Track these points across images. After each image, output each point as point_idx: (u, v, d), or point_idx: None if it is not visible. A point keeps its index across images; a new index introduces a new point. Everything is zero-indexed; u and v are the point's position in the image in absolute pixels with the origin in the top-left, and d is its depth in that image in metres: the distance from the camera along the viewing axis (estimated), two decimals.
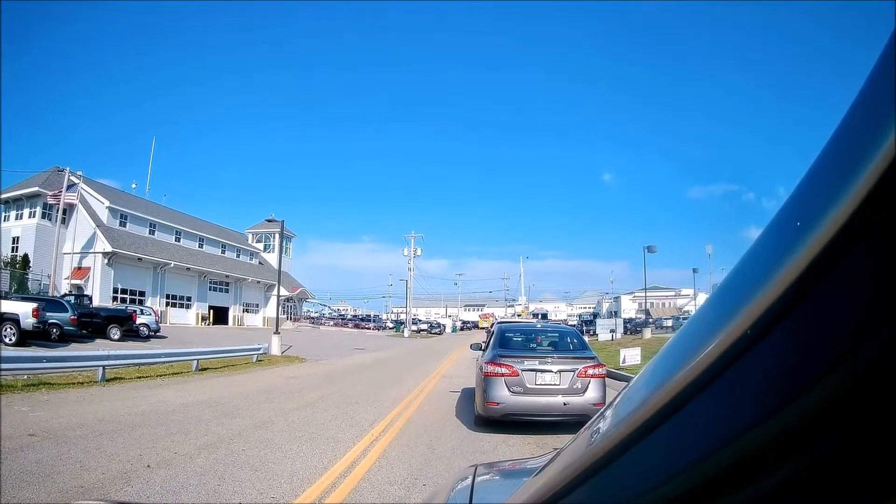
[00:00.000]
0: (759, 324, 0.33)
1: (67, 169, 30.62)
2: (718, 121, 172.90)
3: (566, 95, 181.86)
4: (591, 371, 6.62)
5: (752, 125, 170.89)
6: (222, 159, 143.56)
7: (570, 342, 7.80)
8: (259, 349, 16.88)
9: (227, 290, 46.58)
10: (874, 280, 0.28)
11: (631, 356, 14.60)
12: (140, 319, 25.85)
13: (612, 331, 33.21)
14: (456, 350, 26.75)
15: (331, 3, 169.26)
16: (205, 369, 14.48)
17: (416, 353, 25.02)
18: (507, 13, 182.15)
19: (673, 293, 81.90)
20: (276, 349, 20.44)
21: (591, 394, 6.51)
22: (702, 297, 70.03)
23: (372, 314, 75.48)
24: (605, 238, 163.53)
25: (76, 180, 34.56)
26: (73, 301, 23.48)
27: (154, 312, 27.18)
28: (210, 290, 44.17)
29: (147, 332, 25.69)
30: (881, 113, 0.29)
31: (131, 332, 24.52)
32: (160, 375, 12.92)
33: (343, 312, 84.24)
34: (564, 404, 6.45)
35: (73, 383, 11.05)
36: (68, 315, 20.79)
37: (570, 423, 6.54)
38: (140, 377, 12.57)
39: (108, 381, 11.61)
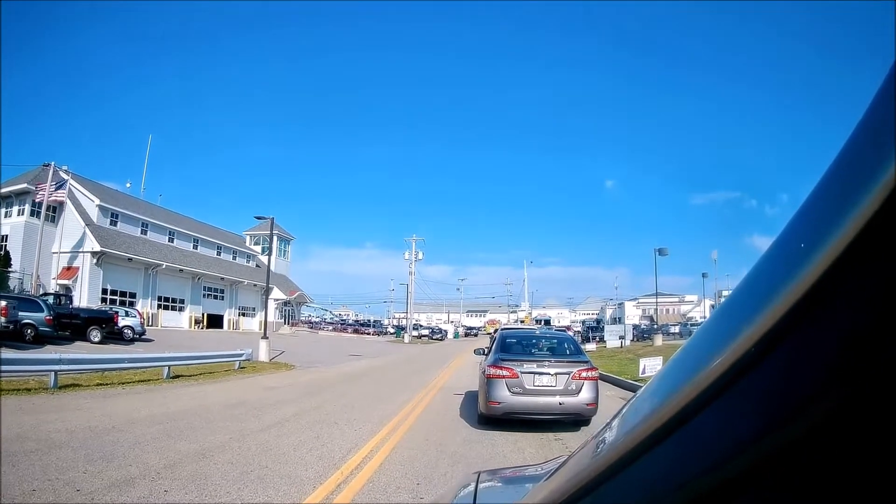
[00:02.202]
0: (766, 339, 0.33)
1: (53, 164, 29.33)
2: (720, 128, 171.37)
3: (567, 102, 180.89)
4: (584, 374, 7.10)
5: (753, 132, 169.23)
6: (226, 164, 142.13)
7: (566, 347, 8.14)
8: (241, 355, 15.42)
9: (222, 293, 45.18)
10: (879, 301, 0.28)
11: (652, 366, 13.04)
12: (124, 321, 24.53)
13: (622, 337, 31.49)
14: (457, 357, 25.18)
15: (342, 16, 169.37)
16: (178, 377, 13.05)
17: (414, 361, 23.48)
18: (514, 31, 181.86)
19: (677, 299, 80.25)
20: (263, 355, 18.98)
21: (585, 395, 7.01)
22: (706, 304, 68.83)
23: (371, 319, 73.88)
24: (606, 245, 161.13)
25: (65, 176, 33.36)
26: (51, 300, 22.15)
27: (139, 314, 25.75)
28: (204, 292, 42.77)
29: (131, 335, 24.33)
30: (885, 137, 0.29)
31: (114, 335, 23.20)
32: (124, 383, 11.50)
33: (345, 317, 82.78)
34: (560, 404, 6.94)
35: (20, 390, 9.68)
36: (44, 315, 19.53)
37: (565, 421, 7.18)
38: (101, 384, 11.17)
39: (61, 387, 10.25)
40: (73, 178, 35.22)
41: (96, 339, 21.72)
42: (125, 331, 24.25)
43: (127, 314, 25.25)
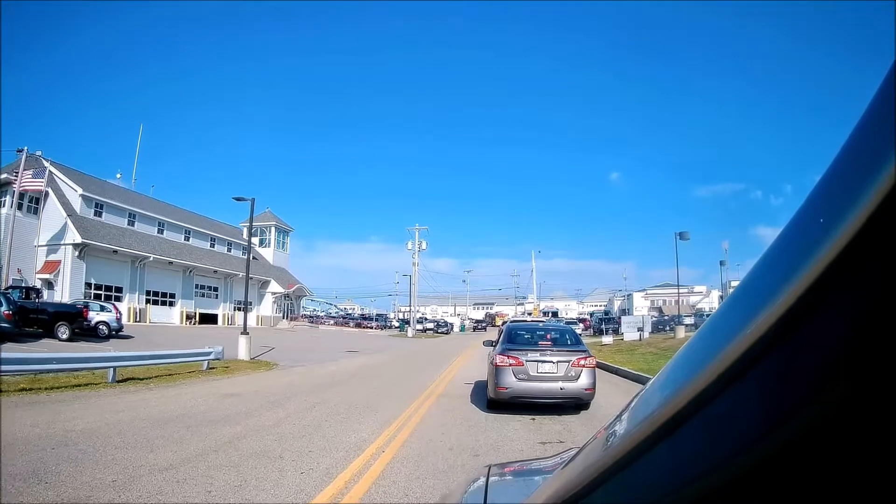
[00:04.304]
0: (773, 332, 0.33)
1: (25, 149, 27.14)
2: (723, 122, 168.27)
3: (573, 97, 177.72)
4: (582, 362, 7.65)
5: (756, 125, 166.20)
6: (229, 162, 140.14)
7: (567, 338, 8.62)
8: (209, 354, 13.23)
9: (216, 287, 43.18)
10: (884, 296, 0.28)
11: None
12: (99, 317, 22.51)
13: (640, 329, 28.96)
14: (463, 353, 22.92)
15: (345, 14, 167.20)
16: (127, 380, 10.91)
17: (415, 358, 21.25)
18: (518, 30, 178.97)
19: (686, 290, 78.08)
20: (243, 353, 16.79)
21: (583, 380, 7.57)
22: (714, 294, 66.80)
23: (374, 313, 71.70)
24: (612, 237, 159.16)
25: (46, 164, 31.35)
26: (16, 295, 20.14)
27: (115, 309, 23.63)
28: (197, 286, 40.77)
29: (107, 332, 22.32)
30: (886, 133, 0.29)
31: (87, 331, 21.22)
32: (56, 388, 9.40)
33: (350, 311, 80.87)
34: (561, 389, 7.49)
35: None
36: (2, 310, 17.55)
37: (566, 405, 7.71)
38: (26, 389, 9.09)
39: None
40: (55, 167, 33.25)
41: (64, 336, 19.77)
42: (100, 327, 22.24)
43: (102, 309, 23.20)
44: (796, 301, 0.31)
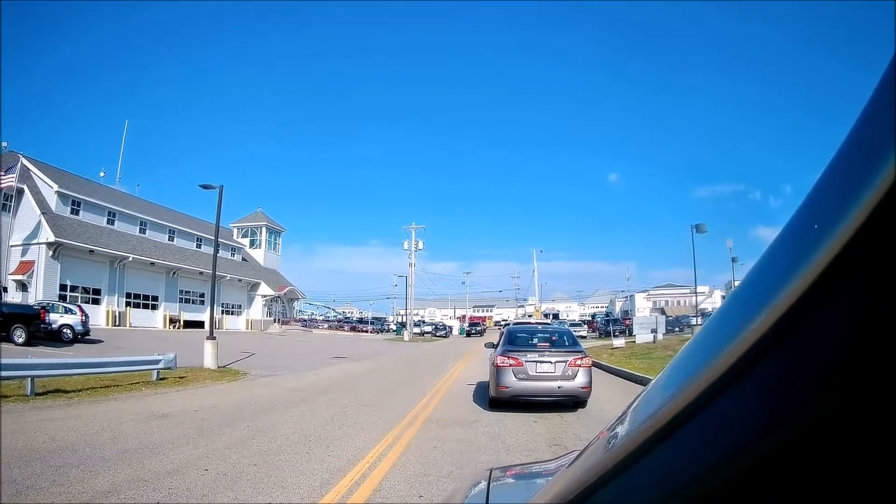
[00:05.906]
0: (776, 329, 0.33)
1: None
2: (724, 120, 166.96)
3: (573, 97, 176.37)
4: (579, 362, 8.09)
5: (755, 126, 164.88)
6: (228, 164, 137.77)
7: (564, 340, 9.05)
8: (157, 362, 11.30)
9: (202, 290, 41.22)
10: (884, 295, 0.28)
11: None
12: (62, 319, 20.67)
13: (654, 331, 26.90)
14: (462, 359, 20.96)
15: (354, 22, 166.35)
16: (52, 392, 9.03)
17: (407, 365, 19.30)
18: (520, 30, 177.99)
19: (688, 290, 76.69)
20: (209, 360, 14.87)
21: (580, 379, 8.03)
22: (717, 294, 65.01)
23: (370, 316, 69.64)
24: (612, 238, 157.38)
25: (20, 159, 29.51)
26: None
27: (80, 311, 21.72)
28: (182, 289, 38.82)
29: (71, 335, 20.44)
30: (885, 131, 0.29)
31: (51, 335, 19.39)
32: None
33: (348, 315, 78.97)
34: (559, 387, 7.98)
35: None
36: None
37: (563, 402, 8.21)
38: None
39: None
40: (31, 163, 31.43)
41: (20, 340, 17.95)
42: (64, 330, 20.40)
43: (67, 311, 21.32)
44: (795, 303, 0.31)
